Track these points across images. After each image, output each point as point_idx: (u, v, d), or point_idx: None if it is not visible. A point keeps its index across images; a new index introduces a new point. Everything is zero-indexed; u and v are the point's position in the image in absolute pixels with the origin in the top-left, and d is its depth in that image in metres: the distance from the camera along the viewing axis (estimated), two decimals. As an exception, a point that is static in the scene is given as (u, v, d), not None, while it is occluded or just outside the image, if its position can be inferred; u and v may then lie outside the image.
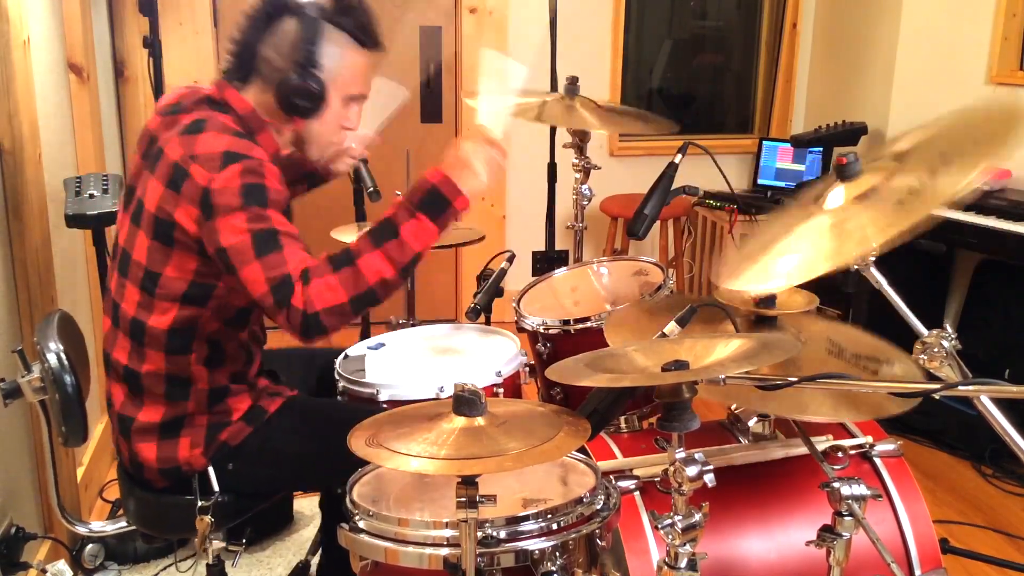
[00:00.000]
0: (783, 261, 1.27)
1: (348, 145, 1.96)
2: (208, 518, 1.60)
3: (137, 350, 1.63)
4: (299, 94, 1.60)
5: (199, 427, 1.66)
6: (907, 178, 1.22)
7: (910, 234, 1.15)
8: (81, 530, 1.93)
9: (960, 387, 1.08)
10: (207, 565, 1.75)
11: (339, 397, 1.89)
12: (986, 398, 1.15)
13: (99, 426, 2.80)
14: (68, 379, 1.63)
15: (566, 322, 1.94)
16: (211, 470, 1.66)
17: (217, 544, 1.66)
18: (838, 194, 1.30)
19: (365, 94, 1.70)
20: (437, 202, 1.55)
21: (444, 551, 1.26)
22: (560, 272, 2.24)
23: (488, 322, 2.19)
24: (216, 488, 1.64)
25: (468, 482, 1.15)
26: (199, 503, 1.62)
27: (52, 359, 1.62)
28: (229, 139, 1.54)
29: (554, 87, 2.91)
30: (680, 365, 1.18)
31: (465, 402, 1.24)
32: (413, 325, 2.24)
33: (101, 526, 2.01)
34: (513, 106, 1.91)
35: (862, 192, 1.27)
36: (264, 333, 1.85)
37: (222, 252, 1.49)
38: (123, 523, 1.82)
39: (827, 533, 1.41)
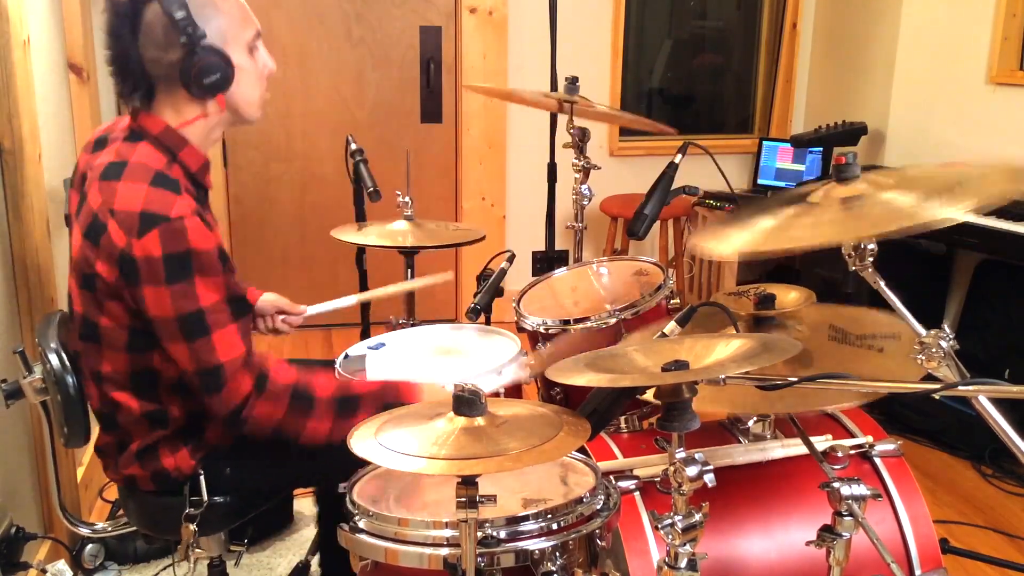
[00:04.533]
0: (750, 232, 1.29)
1: (280, 321, 2.03)
2: (192, 526, 1.60)
3: (104, 396, 1.61)
4: (204, 73, 1.49)
5: (175, 437, 1.64)
6: (897, 195, 1.23)
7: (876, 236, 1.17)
8: (82, 530, 1.93)
9: (960, 387, 1.07)
10: (208, 565, 1.75)
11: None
12: (985, 398, 1.15)
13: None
14: (70, 379, 1.63)
15: (566, 322, 1.94)
16: (202, 477, 1.64)
17: (201, 552, 1.66)
18: (827, 191, 1.32)
19: (259, 31, 1.60)
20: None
21: (444, 551, 1.26)
22: (560, 272, 2.24)
23: (488, 322, 2.19)
24: (205, 496, 1.63)
25: (468, 482, 1.15)
26: (187, 510, 1.62)
27: (54, 359, 1.62)
28: (147, 191, 1.45)
29: (554, 87, 2.91)
30: (680, 365, 1.18)
31: (465, 402, 1.24)
32: (413, 325, 2.24)
33: (102, 526, 2.01)
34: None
35: (851, 195, 1.28)
36: None
37: (147, 320, 1.48)
38: (123, 523, 1.82)
39: (827, 533, 1.41)
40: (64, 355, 1.63)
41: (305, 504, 2.61)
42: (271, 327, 2.06)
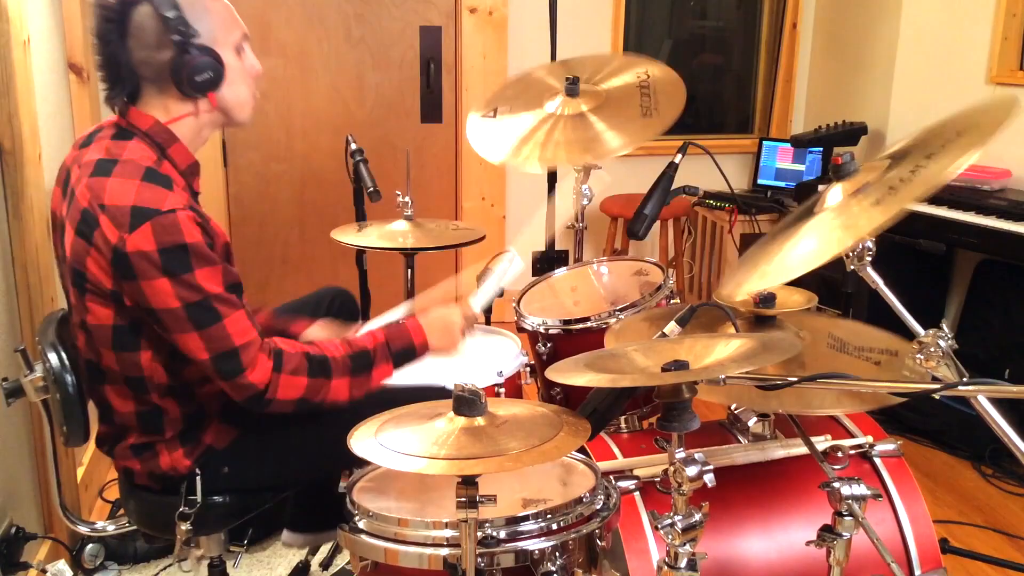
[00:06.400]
0: (782, 259, 1.27)
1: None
2: (185, 526, 1.60)
3: (98, 390, 1.61)
4: (196, 71, 1.50)
5: (172, 440, 1.63)
6: (897, 172, 1.23)
7: (895, 219, 1.15)
8: (83, 529, 1.93)
9: (960, 387, 1.08)
10: (208, 565, 1.75)
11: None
12: (984, 398, 1.15)
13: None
14: (69, 378, 1.63)
15: (566, 322, 1.94)
16: (198, 477, 1.63)
17: (196, 551, 1.66)
18: (835, 193, 1.31)
19: (245, 33, 1.61)
20: (410, 357, 1.65)
21: (444, 551, 1.26)
22: (560, 272, 2.24)
23: (488, 322, 2.19)
24: (199, 497, 1.63)
25: (468, 482, 1.16)
26: (181, 509, 1.61)
27: (54, 358, 1.62)
28: (138, 186, 1.45)
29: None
30: (680, 365, 1.18)
31: (465, 402, 1.24)
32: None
33: (102, 525, 2.01)
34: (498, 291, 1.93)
35: (857, 188, 1.27)
36: None
37: (153, 312, 1.46)
38: (124, 522, 1.82)
39: (827, 533, 1.41)
40: (64, 354, 1.63)
41: (305, 504, 2.61)
42: None
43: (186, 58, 1.49)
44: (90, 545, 2.27)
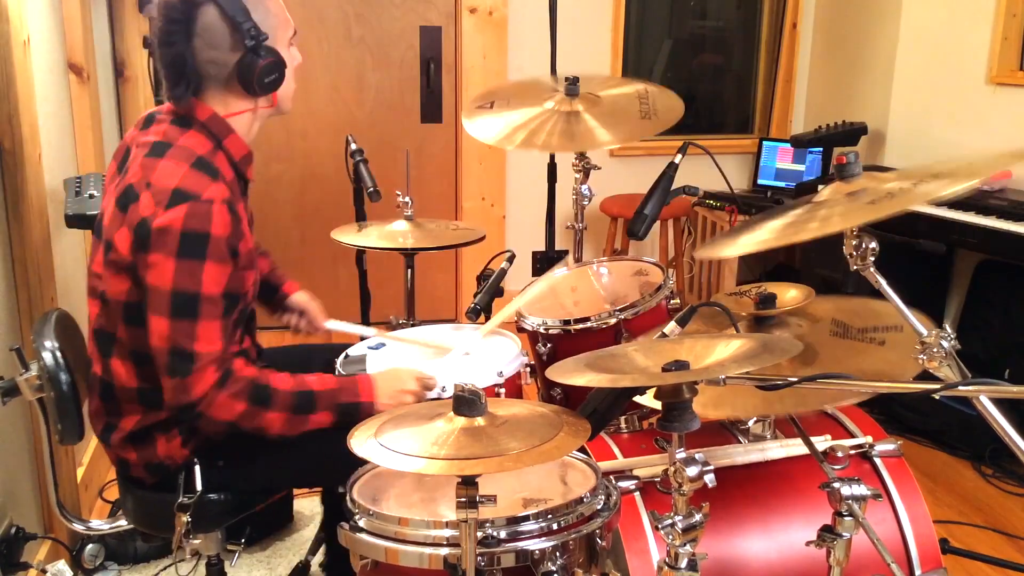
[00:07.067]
0: (760, 233, 1.29)
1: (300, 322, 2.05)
2: (185, 516, 1.60)
3: (104, 362, 1.62)
4: (266, 73, 1.56)
5: (171, 423, 1.64)
6: (899, 183, 1.24)
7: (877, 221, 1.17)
8: (78, 527, 1.93)
9: (960, 387, 1.08)
10: (206, 564, 1.75)
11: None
12: (986, 398, 1.15)
13: (99, 426, 2.79)
14: (63, 377, 1.63)
15: (566, 322, 1.94)
16: (197, 467, 1.64)
17: (194, 543, 1.66)
18: (832, 189, 1.32)
19: (295, 28, 1.66)
20: (353, 413, 1.60)
21: (444, 551, 1.26)
22: (560, 272, 2.24)
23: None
24: (199, 487, 1.63)
25: (468, 482, 1.16)
26: (179, 500, 1.62)
27: (48, 357, 1.63)
28: (186, 171, 1.49)
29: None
30: (680, 365, 1.18)
31: (465, 402, 1.24)
32: (413, 325, 2.24)
33: (99, 524, 2.01)
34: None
35: (855, 190, 1.28)
36: (253, 345, 1.84)
37: (143, 287, 1.49)
38: (122, 522, 1.82)
39: (827, 533, 1.41)
40: (58, 353, 1.64)
41: (305, 504, 2.61)
42: (293, 324, 2.10)
43: (257, 61, 1.54)
44: (90, 545, 2.27)
